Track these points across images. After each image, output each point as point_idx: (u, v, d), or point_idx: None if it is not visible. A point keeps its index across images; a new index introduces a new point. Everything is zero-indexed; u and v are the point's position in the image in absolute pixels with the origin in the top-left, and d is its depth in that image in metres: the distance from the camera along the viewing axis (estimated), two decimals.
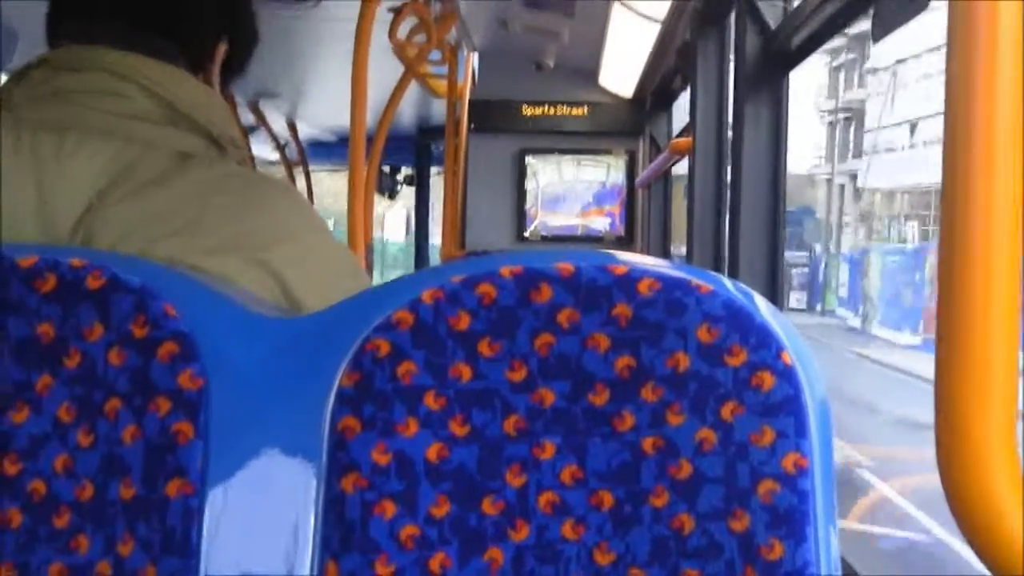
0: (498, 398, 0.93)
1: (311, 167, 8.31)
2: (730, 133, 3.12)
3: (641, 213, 6.18)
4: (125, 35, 1.20)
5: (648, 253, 5.70)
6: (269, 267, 1.14)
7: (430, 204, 8.51)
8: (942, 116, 0.79)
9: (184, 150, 1.18)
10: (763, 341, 0.92)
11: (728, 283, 0.95)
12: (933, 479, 0.81)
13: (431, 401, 0.93)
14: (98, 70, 1.18)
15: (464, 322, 0.93)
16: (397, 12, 3.63)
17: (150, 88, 1.18)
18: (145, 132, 1.17)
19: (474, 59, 5.35)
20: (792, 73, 2.74)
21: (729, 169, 3.04)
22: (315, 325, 1.00)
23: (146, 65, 1.19)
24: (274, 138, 7.34)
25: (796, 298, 29.82)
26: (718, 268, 3.18)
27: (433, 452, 0.93)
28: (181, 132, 1.19)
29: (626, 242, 6.21)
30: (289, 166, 8.36)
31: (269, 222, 1.17)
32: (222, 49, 1.28)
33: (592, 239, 6.29)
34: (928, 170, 28.62)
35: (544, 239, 6.28)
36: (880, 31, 1.97)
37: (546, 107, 6.14)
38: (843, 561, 0.95)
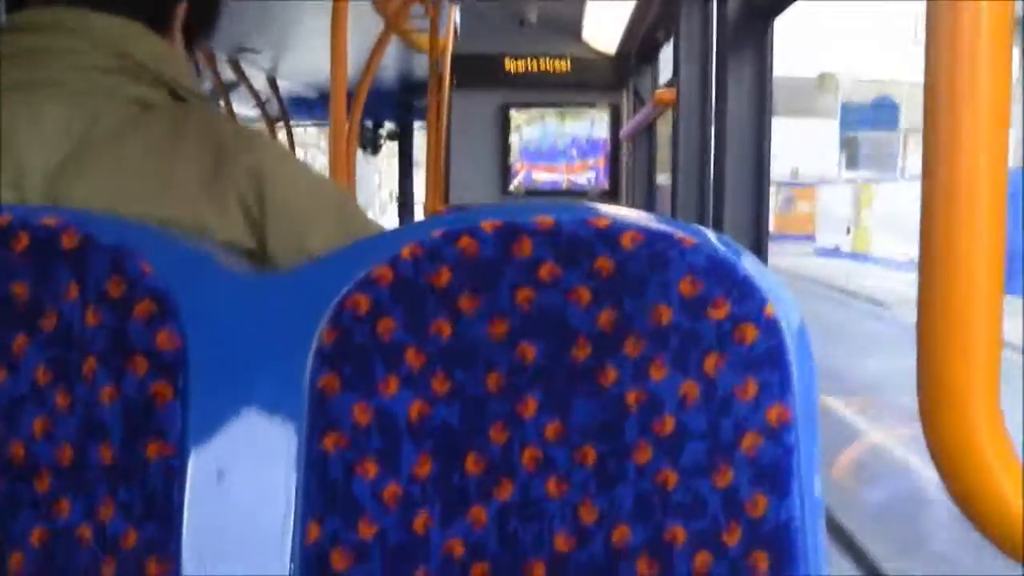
0: (480, 354, 0.92)
1: (292, 123, 8.25)
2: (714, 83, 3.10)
3: (625, 166, 6.16)
4: None
5: (633, 207, 5.70)
6: (249, 206, 1.13)
7: (413, 159, 8.47)
8: None
9: (146, 100, 1.18)
10: (746, 294, 0.90)
11: (712, 236, 0.93)
12: None
13: (412, 358, 0.92)
14: (57, 29, 1.18)
15: (444, 277, 0.92)
16: None
17: (109, 43, 1.19)
18: (105, 85, 1.17)
19: (456, 13, 5.30)
20: None
21: (713, 121, 3.02)
22: (294, 282, 0.98)
23: (104, 21, 1.20)
24: (255, 94, 7.27)
25: None
26: (702, 222, 3.17)
27: (415, 410, 0.92)
28: (141, 84, 1.19)
29: (610, 196, 6.20)
30: (270, 122, 8.30)
31: (243, 163, 1.16)
32: (182, 9, 1.28)
33: (576, 193, 6.29)
34: None
35: (529, 193, 6.28)
36: None
37: (529, 61, 6.10)
38: (827, 514, 0.94)
